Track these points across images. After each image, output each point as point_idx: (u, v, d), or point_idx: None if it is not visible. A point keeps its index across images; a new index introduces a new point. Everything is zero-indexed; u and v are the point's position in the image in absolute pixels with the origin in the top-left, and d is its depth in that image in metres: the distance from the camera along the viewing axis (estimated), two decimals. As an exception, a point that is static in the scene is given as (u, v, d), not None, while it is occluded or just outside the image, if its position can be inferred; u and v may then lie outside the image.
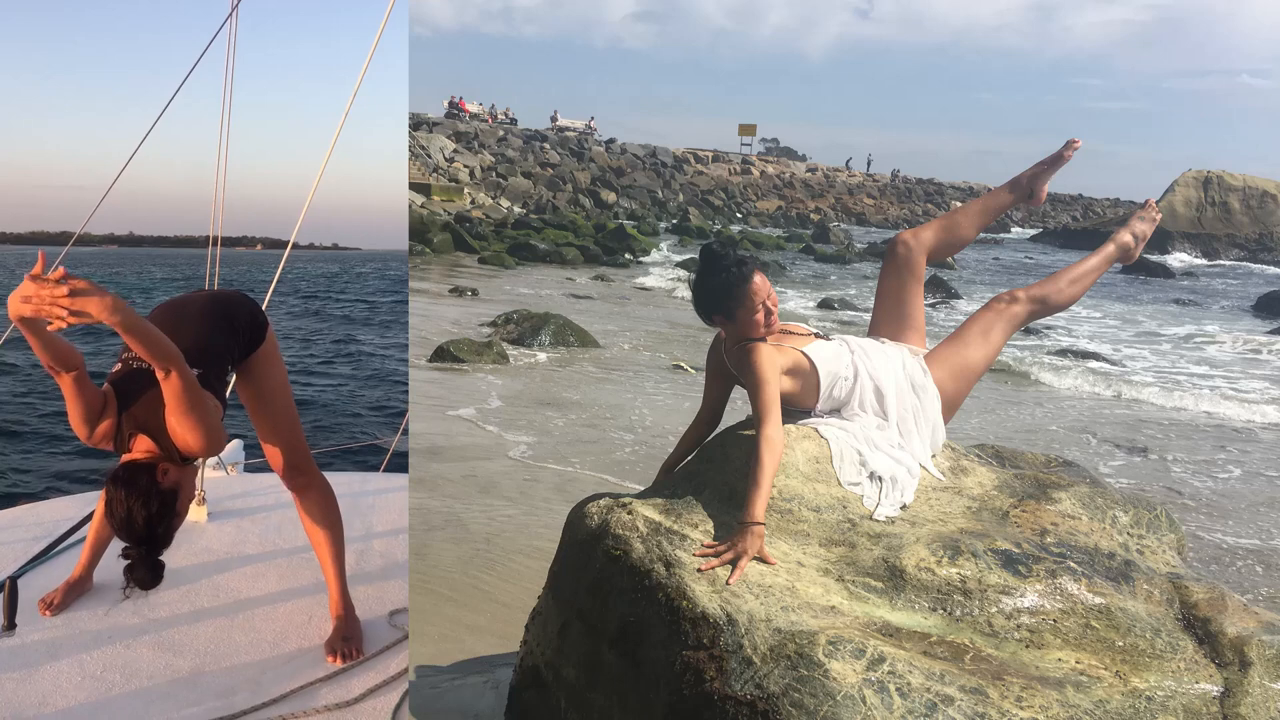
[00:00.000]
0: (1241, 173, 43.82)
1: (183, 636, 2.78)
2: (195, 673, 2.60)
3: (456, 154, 42.76)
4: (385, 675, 2.64)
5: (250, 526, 3.67)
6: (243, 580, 3.19)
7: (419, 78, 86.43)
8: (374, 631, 2.87)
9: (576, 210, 39.92)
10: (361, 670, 2.67)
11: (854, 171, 66.36)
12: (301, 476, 2.82)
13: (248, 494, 4.05)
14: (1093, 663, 2.12)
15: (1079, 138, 3.01)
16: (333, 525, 2.86)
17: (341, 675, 2.63)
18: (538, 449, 6.89)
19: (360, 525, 3.67)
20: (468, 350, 10.26)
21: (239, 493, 4.06)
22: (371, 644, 2.80)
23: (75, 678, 2.54)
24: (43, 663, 2.59)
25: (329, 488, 2.88)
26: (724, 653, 2.08)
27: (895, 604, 2.23)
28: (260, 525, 3.68)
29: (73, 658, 2.63)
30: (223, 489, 4.01)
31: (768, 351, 2.57)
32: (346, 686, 2.58)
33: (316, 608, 2.95)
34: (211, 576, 3.20)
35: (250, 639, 2.80)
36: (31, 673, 2.54)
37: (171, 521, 2.34)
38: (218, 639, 2.79)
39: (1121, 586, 2.33)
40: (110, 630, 2.79)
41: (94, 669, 2.58)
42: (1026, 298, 2.87)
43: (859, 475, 2.54)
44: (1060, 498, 2.64)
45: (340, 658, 2.69)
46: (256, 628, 2.87)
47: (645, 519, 2.40)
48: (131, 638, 2.76)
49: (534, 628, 2.71)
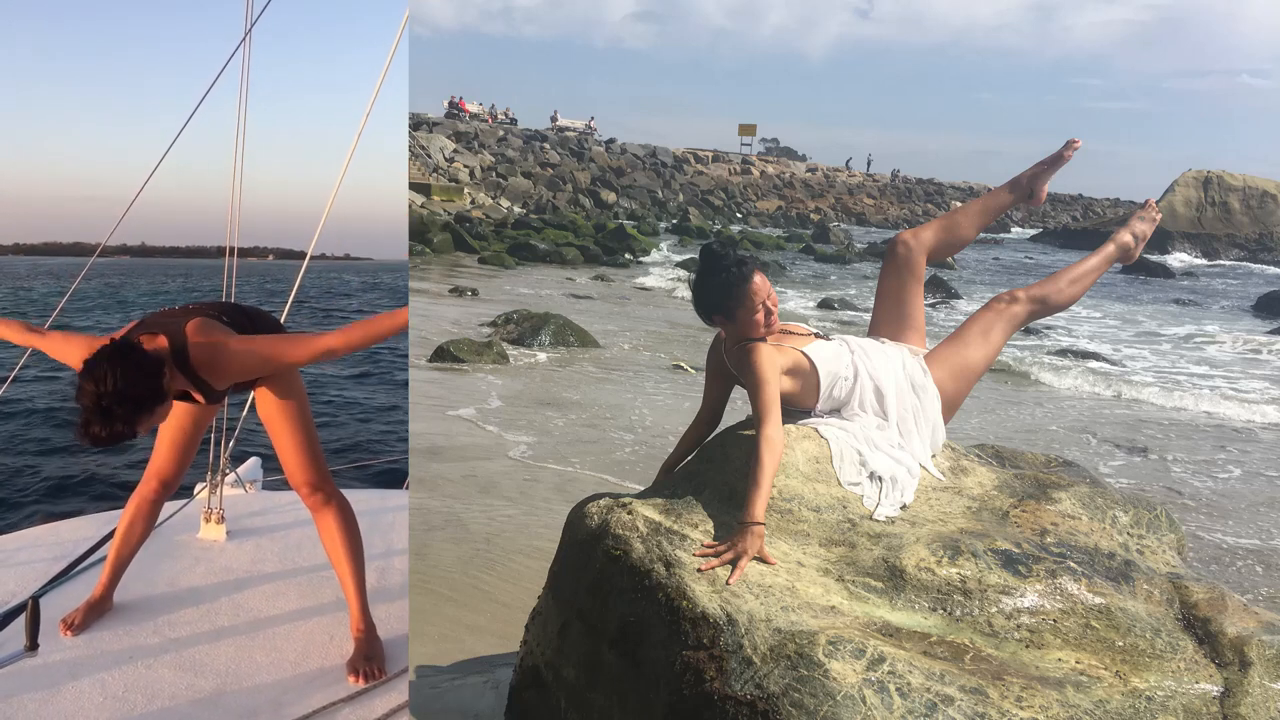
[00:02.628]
0: (1241, 173, 43.83)
1: (204, 656, 2.76)
2: (217, 693, 2.58)
3: (456, 154, 42.75)
4: (407, 696, 2.62)
5: (270, 545, 3.64)
6: (263, 599, 3.17)
7: (419, 78, 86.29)
8: (396, 650, 2.84)
9: (576, 210, 39.92)
10: (384, 690, 2.64)
11: (854, 171, 66.34)
12: (321, 493, 2.80)
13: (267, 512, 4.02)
14: (1093, 663, 2.12)
15: (1079, 138, 3.01)
16: (353, 543, 2.84)
17: (364, 695, 2.61)
18: (538, 449, 6.89)
19: (381, 543, 3.63)
20: (468, 350, 10.26)
21: (258, 510, 4.03)
22: (394, 663, 2.77)
23: (97, 698, 2.52)
24: (64, 683, 2.57)
25: (348, 505, 2.85)
26: (724, 653, 2.08)
27: (895, 604, 2.23)
28: (280, 543, 3.65)
29: (94, 678, 2.61)
30: (242, 507, 3.98)
31: (767, 351, 2.57)
32: (369, 706, 2.56)
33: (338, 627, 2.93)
34: (231, 595, 3.17)
35: (271, 659, 2.78)
36: (54, 693, 2.53)
37: (150, 386, 2.33)
38: (239, 659, 2.76)
39: (1121, 586, 2.33)
40: (131, 650, 2.77)
41: (116, 689, 2.57)
42: (1026, 298, 2.87)
43: (859, 475, 2.54)
44: (1060, 498, 2.64)
45: (362, 677, 2.66)
46: (278, 647, 2.84)
47: (645, 519, 2.40)
48: (152, 657, 2.74)
49: (534, 628, 2.71)
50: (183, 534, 3.67)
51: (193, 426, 2.91)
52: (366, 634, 2.80)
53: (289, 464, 2.80)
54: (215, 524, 3.67)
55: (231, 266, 4.15)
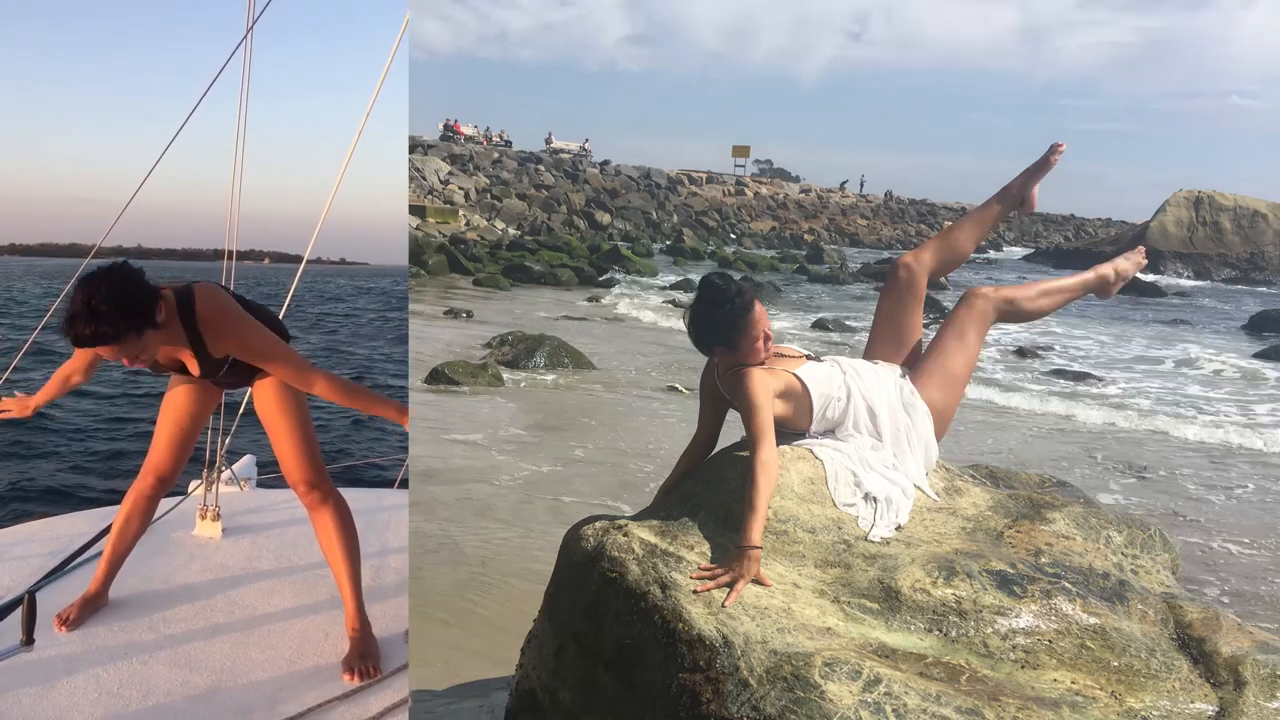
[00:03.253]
0: (1233, 192, 44.03)
1: (199, 653, 2.77)
2: (212, 690, 2.58)
3: (451, 176, 42.89)
4: (402, 694, 2.62)
5: (265, 542, 3.65)
6: (258, 596, 3.17)
7: (414, 101, 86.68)
8: (391, 649, 2.84)
9: (571, 232, 40.02)
10: (379, 688, 2.64)
11: (847, 192, 66.63)
12: (318, 491, 2.83)
13: (262, 509, 4.03)
14: (1088, 683, 2.13)
15: (1070, 157, 3.04)
16: (349, 541, 2.85)
17: (359, 694, 2.61)
18: (533, 471, 6.89)
19: (376, 542, 3.64)
20: (463, 372, 10.26)
21: (253, 508, 4.04)
22: (388, 662, 2.78)
23: (92, 694, 2.52)
24: (59, 678, 2.58)
25: (345, 504, 2.87)
26: (720, 675, 2.08)
27: (891, 625, 2.23)
28: (275, 541, 3.66)
29: (89, 673, 2.62)
30: (237, 504, 3.99)
31: (760, 376, 2.58)
32: (364, 705, 2.56)
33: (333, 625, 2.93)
34: (227, 592, 3.18)
35: (267, 656, 2.78)
36: (48, 688, 2.53)
37: (143, 305, 2.42)
38: (234, 656, 2.77)
39: (1116, 606, 2.34)
40: (126, 646, 2.78)
41: (111, 685, 2.57)
42: (997, 297, 2.89)
43: (854, 496, 2.55)
44: (1054, 518, 2.65)
45: (357, 675, 2.67)
46: (273, 644, 2.85)
47: (641, 541, 2.40)
48: (148, 654, 2.74)
49: (529, 650, 2.71)
50: (178, 531, 3.68)
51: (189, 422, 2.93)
52: (361, 632, 2.81)
53: (286, 462, 2.82)
54: (211, 521, 3.68)
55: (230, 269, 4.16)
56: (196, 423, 2.96)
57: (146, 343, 2.45)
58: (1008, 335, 16.50)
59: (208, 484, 3.78)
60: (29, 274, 71.35)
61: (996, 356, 14.75)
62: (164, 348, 2.60)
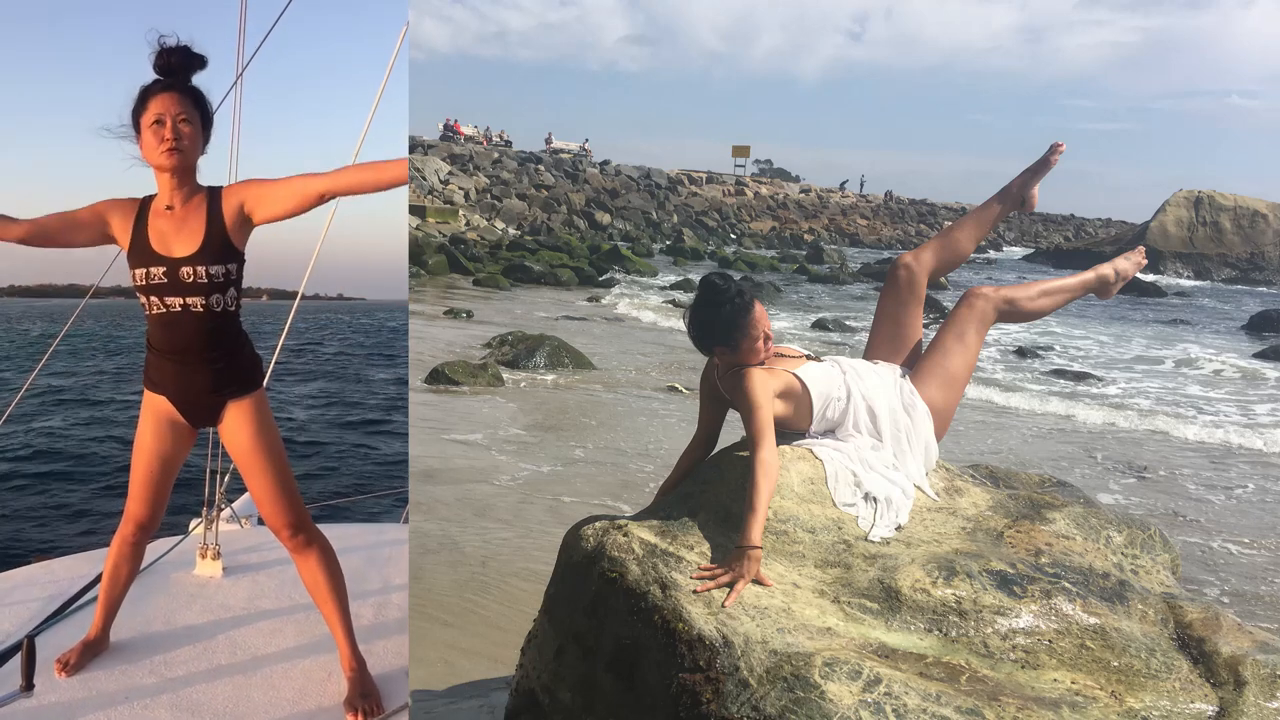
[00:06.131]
0: (1232, 192, 44.03)
1: (201, 695, 2.72)
2: None
3: (451, 176, 42.89)
4: None
5: (266, 581, 3.59)
6: (260, 636, 3.13)
7: (414, 100, 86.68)
8: (394, 686, 2.81)
9: (571, 232, 40.01)
10: None
11: (847, 192, 66.62)
12: (302, 534, 2.75)
13: (262, 547, 3.96)
14: (1088, 683, 2.13)
15: (1070, 158, 3.04)
16: (336, 582, 2.80)
17: None
18: (533, 471, 6.89)
19: (378, 578, 3.60)
20: (463, 372, 10.26)
21: (254, 546, 3.97)
22: (392, 699, 2.74)
23: None
24: None
25: (329, 544, 2.81)
26: (720, 675, 2.08)
27: (891, 625, 2.23)
28: (276, 579, 3.60)
29: (90, 719, 2.58)
30: (237, 543, 3.93)
31: (760, 376, 2.58)
32: None
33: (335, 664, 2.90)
34: (228, 632, 3.13)
35: (269, 697, 2.74)
36: None
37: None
38: (236, 698, 2.72)
39: (1116, 606, 2.34)
40: (128, 690, 2.73)
41: None
42: (997, 297, 2.89)
43: (854, 496, 2.55)
44: (1054, 518, 2.65)
45: (361, 715, 2.65)
46: (275, 685, 2.80)
47: (641, 541, 2.40)
48: (149, 697, 2.70)
49: (529, 651, 2.70)
50: (179, 570, 3.63)
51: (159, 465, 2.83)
52: (359, 672, 2.78)
53: (265, 507, 2.74)
54: (211, 560, 3.64)
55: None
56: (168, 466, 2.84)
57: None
58: (1008, 335, 16.51)
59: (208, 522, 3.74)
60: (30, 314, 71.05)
61: (996, 356, 14.75)
62: (118, 219, 2.56)
